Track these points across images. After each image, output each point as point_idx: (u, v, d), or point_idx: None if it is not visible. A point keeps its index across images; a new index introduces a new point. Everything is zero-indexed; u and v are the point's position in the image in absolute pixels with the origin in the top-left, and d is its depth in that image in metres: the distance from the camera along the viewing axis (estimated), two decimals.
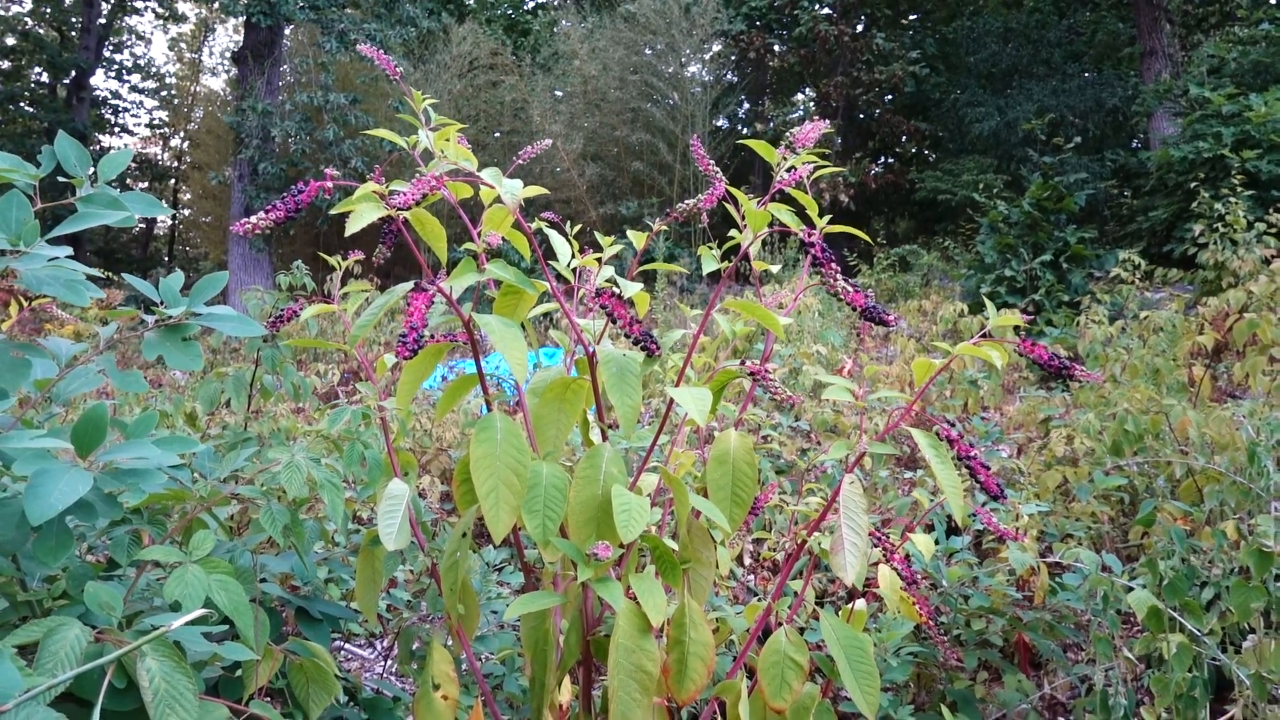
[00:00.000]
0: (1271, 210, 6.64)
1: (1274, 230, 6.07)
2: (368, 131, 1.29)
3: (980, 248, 8.59)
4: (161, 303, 1.14)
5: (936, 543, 2.37)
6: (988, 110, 15.52)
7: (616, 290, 1.11)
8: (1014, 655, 2.39)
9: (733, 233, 1.23)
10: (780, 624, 1.39)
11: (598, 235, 1.46)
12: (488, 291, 1.27)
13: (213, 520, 1.12)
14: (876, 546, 1.46)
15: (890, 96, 17.10)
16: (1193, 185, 8.36)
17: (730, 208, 1.29)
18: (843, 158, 16.39)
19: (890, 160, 18.78)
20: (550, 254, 1.22)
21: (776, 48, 17.16)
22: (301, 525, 1.18)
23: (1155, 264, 8.63)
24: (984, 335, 1.24)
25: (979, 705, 2.17)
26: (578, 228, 1.39)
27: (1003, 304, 7.69)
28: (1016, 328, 5.82)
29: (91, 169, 1.12)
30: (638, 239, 1.29)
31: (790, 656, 1.34)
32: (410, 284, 1.08)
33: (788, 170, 1.19)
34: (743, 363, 1.19)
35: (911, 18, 18.74)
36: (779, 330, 1.14)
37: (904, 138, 17.63)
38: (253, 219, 0.97)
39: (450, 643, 1.38)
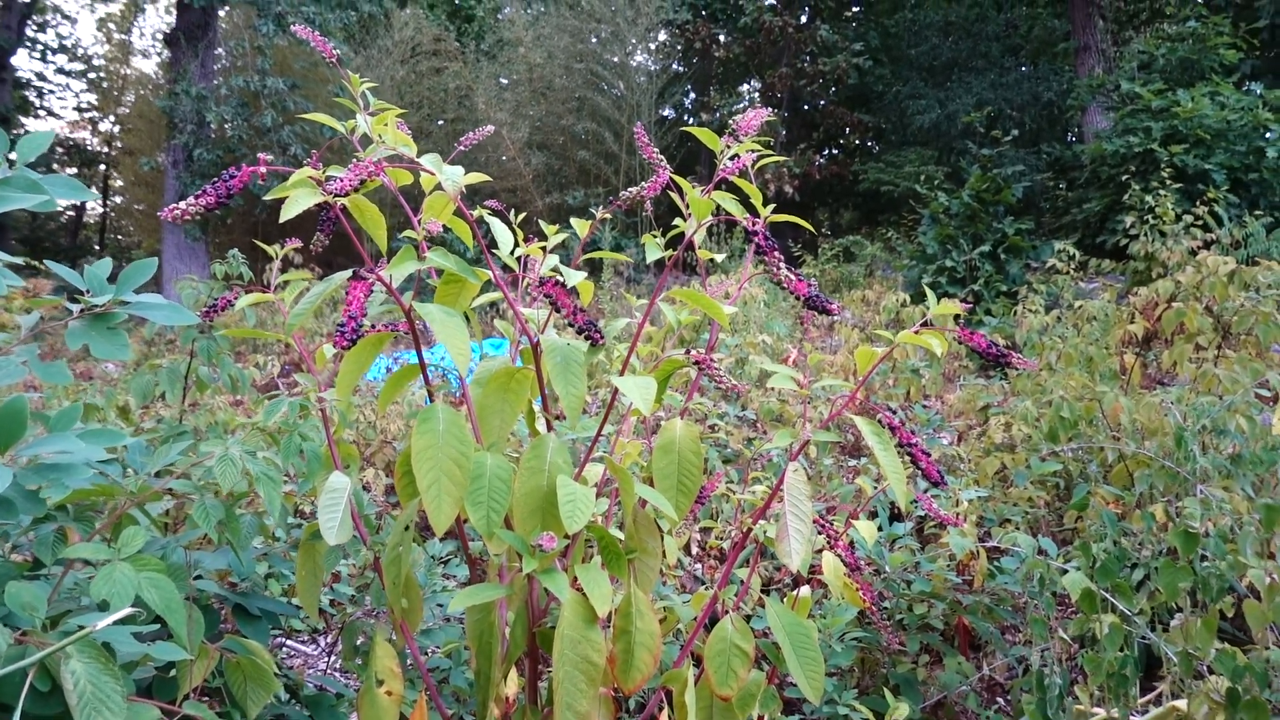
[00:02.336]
0: (1198, 203, 6.86)
1: (1200, 223, 6.28)
2: (306, 116, 1.26)
3: (922, 239, 8.73)
4: (88, 291, 1.10)
5: (880, 529, 2.40)
6: (929, 103, 15.76)
7: (560, 279, 1.10)
8: (954, 638, 2.44)
9: (678, 221, 1.22)
10: (726, 612, 1.40)
11: (543, 224, 1.45)
12: (430, 280, 1.25)
13: (144, 517, 1.08)
14: (821, 534, 1.48)
15: (834, 88, 17.26)
16: (1124, 178, 8.59)
17: (676, 197, 1.28)
18: (787, 149, 16.52)
19: (834, 151, 18.98)
20: (495, 243, 1.20)
21: (722, 38, 17.19)
22: (238, 520, 1.15)
23: (1089, 255, 8.85)
24: (925, 324, 1.26)
25: (920, 688, 2.21)
26: (523, 216, 1.37)
27: (944, 294, 7.83)
28: (957, 317, 5.93)
29: (10, 151, 1.07)
30: (581, 227, 1.28)
31: (736, 644, 1.35)
32: (349, 272, 1.06)
33: (731, 158, 1.19)
34: (688, 352, 1.19)
35: (855, 9, 18.93)
36: (723, 319, 1.14)
37: (847, 129, 17.82)
38: (182, 204, 0.94)
39: (394, 637, 1.35)
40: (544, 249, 1.35)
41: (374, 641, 1.29)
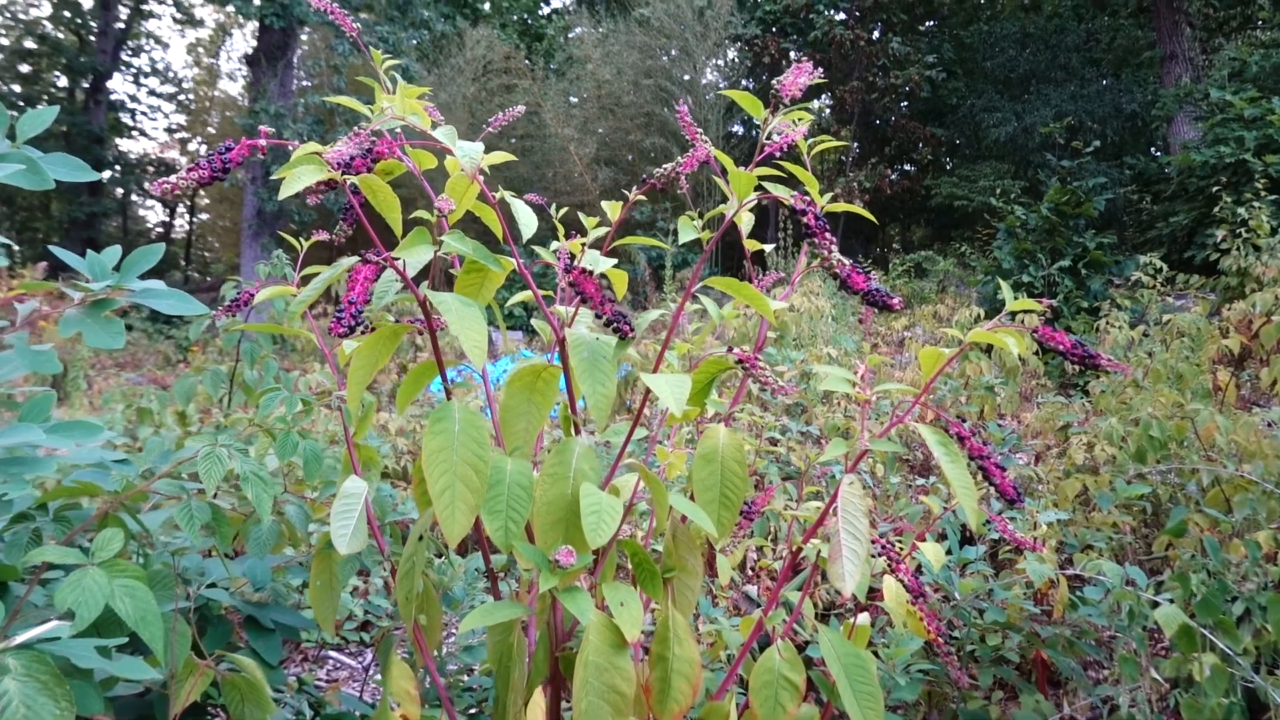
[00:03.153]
0: None
1: None
2: (329, 99, 1.18)
3: (997, 253, 8.42)
4: (89, 277, 1.03)
5: (949, 552, 2.23)
6: (1005, 115, 15.32)
7: (587, 267, 0.99)
8: (1031, 673, 2.25)
9: (722, 206, 1.11)
10: (776, 638, 1.27)
11: (581, 216, 1.35)
12: (453, 271, 1.16)
13: (133, 521, 1.01)
14: (881, 556, 1.34)
15: (906, 102, 16.94)
16: (1214, 190, 8.17)
17: (723, 183, 1.17)
18: (858, 164, 16.24)
19: (906, 166, 18.60)
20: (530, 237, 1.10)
21: (792, 53, 17.03)
22: (227, 523, 1.07)
23: (1176, 270, 8.44)
24: (999, 321, 1.12)
25: None
26: (560, 211, 1.27)
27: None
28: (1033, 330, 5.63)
29: (9, 127, 1.01)
30: (613, 209, 1.17)
31: (784, 675, 1.22)
32: (357, 258, 0.97)
33: (744, 125, 1.07)
34: (730, 349, 1.07)
35: (929, 23, 18.56)
36: (768, 311, 1.02)
37: (920, 144, 17.44)
38: (172, 178, 0.87)
39: (414, 655, 1.26)
40: (583, 244, 1.25)
41: (389, 660, 1.20)
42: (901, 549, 1.54)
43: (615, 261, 1.03)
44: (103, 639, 0.81)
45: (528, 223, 1.07)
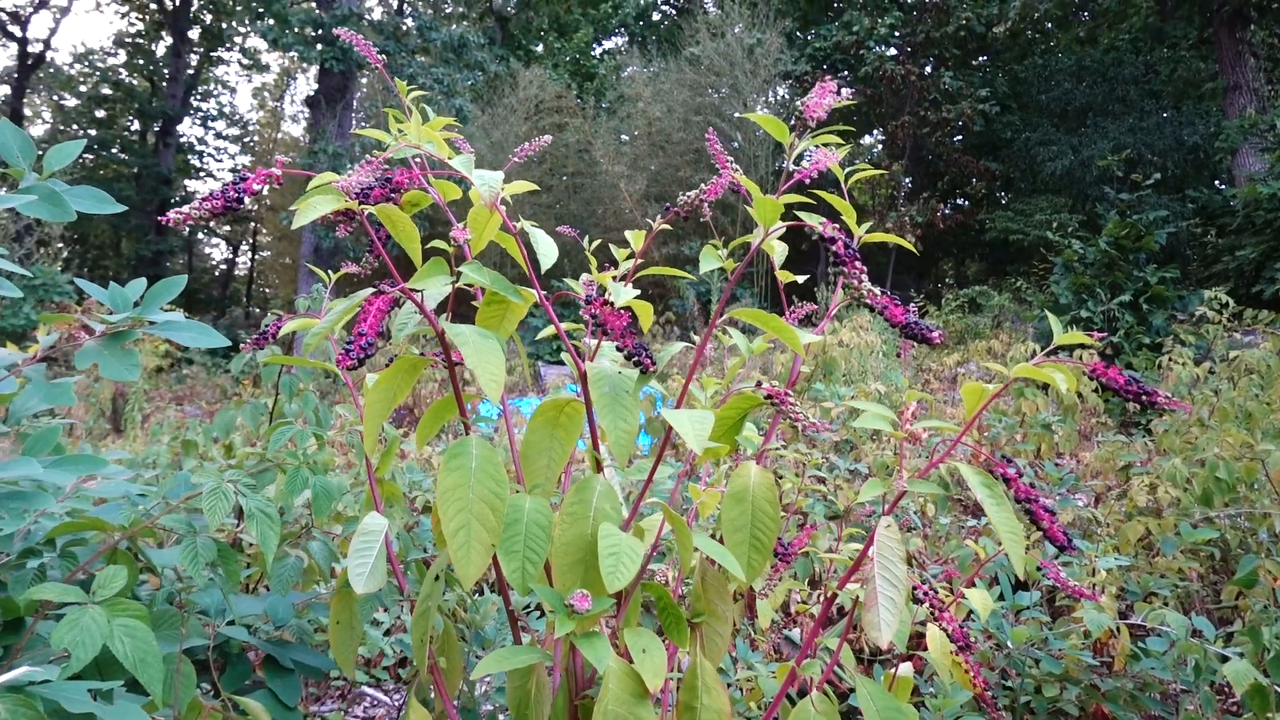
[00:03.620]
0: None
1: None
2: (359, 132, 1.18)
3: (1054, 288, 8.23)
4: (110, 309, 1.03)
5: (1001, 598, 2.13)
6: (1061, 149, 15.08)
7: (609, 298, 0.96)
8: None
9: (749, 236, 1.07)
10: (812, 689, 1.20)
11: (612, 248, 1.32)
12: (474, 302, 1.14)
13: (144, 554, 0.99)
14: (924, 602, 1.27)
15: (959, 136, 16.77)
16: None
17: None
18: (910, 198, 16.09)
19: (960, 201, 18.37)
20: (538, 263, 1.08)
21: (843, 90, 16.97)
22: (235, 560, 1.05)
23: (1244, 305, 8.15)
24: (1047, 355, 1.06)
25: None
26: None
27: (1079, 346, 7.33)
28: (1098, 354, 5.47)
29: (36, 159, 1.01)
30: (636, 239, 1.14)
31: None
32: (372, 289, 0.95)
33: (799, 159, 1.03)
34: (759, 385, 1.02)
35: (981, 59, 18.41)
36: (798, 345, 0.97)
37: (973, 178, 17.23)
38: (185, 208, 0.85)
39: (433, 698, 1.22)
40: (614, 277, 1.22)
41: (409, 705, 1.16)
42: (947, 595, 1.47)
43: (638, 293, 0.99)
44: (105, 680, 0.78)
45: (547, 253, 1.04)
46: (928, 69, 16.49)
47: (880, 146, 17.66)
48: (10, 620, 0.84)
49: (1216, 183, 14.70)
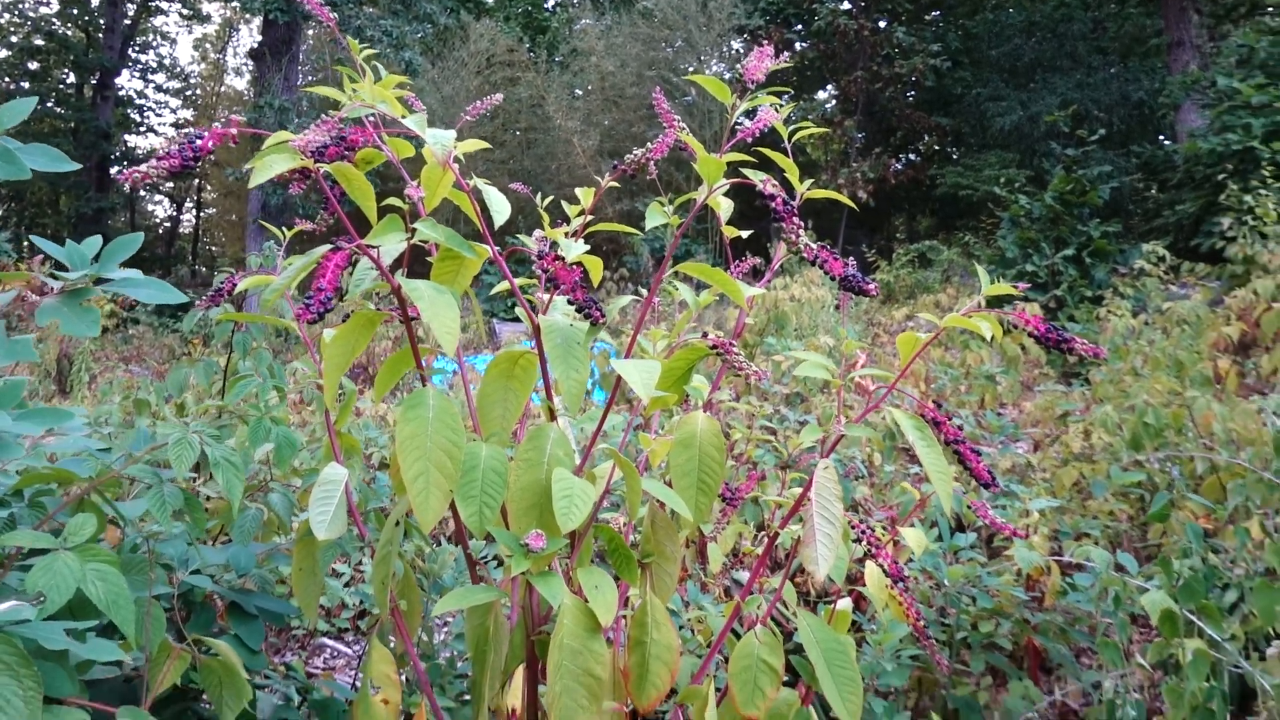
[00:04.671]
0: None
1: None
2: (309, 88, 1.19)
3: (1001, 243, 8.41)
4: (69, 266, 1.04)
5: (940, 539, 2.24)
6: (1010, 105, 15.25)
7: (560, 253, 1.00)
8: (1024, 660, 2.25)
9: (695, 193, 1.11)
10: (755, 624, 1.28)
11: (564, 205, 1.35)
12: (429, 258, 1.17)
13: (108, 506, 1.02)
14: (861, 541, 1.35)
15: (911, 92, 16.86)
16: (1221, 178, 8.13)
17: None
18: (863, 154, 16.19)
19: (911, 156, 18.52)
20: (491, 219, 1.11)
21: (797, 44, 16.96)
22: (201, 509, 1.08)
23: (1182, 258, 8.40)
24: (989, 307, 1.12)
25: (983, 712, 2.04)
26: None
27: (1022, 299, 7.50)
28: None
29: None
30: (585, 196, 1.18)
31: (763, 659, 1.22)
32: (329, 246, 0.98)
33: (744, 115, 1.07)
34: (705, 335, 1.07)
35: (934, 13, 18.46)
36: (740, 297, 1.02)
37: (925, 134, 17.37)
38: (142, 167, 0.87)
39: (395, 641, 1.27)
40: (566, 233, 1.25)
41: (370, 646, 1.21)
42: (885, 535, 1.55)
43: (587, 248, 1.03)
44: (77, 622, 0.82)
45: (500, 209, 1.07)
46: (881, 23, 16.51)
47: (834, 102, 17.70)
48: None
49: (1161, 137, 15.00)
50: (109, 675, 1.07)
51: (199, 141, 0.90)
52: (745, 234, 1.25)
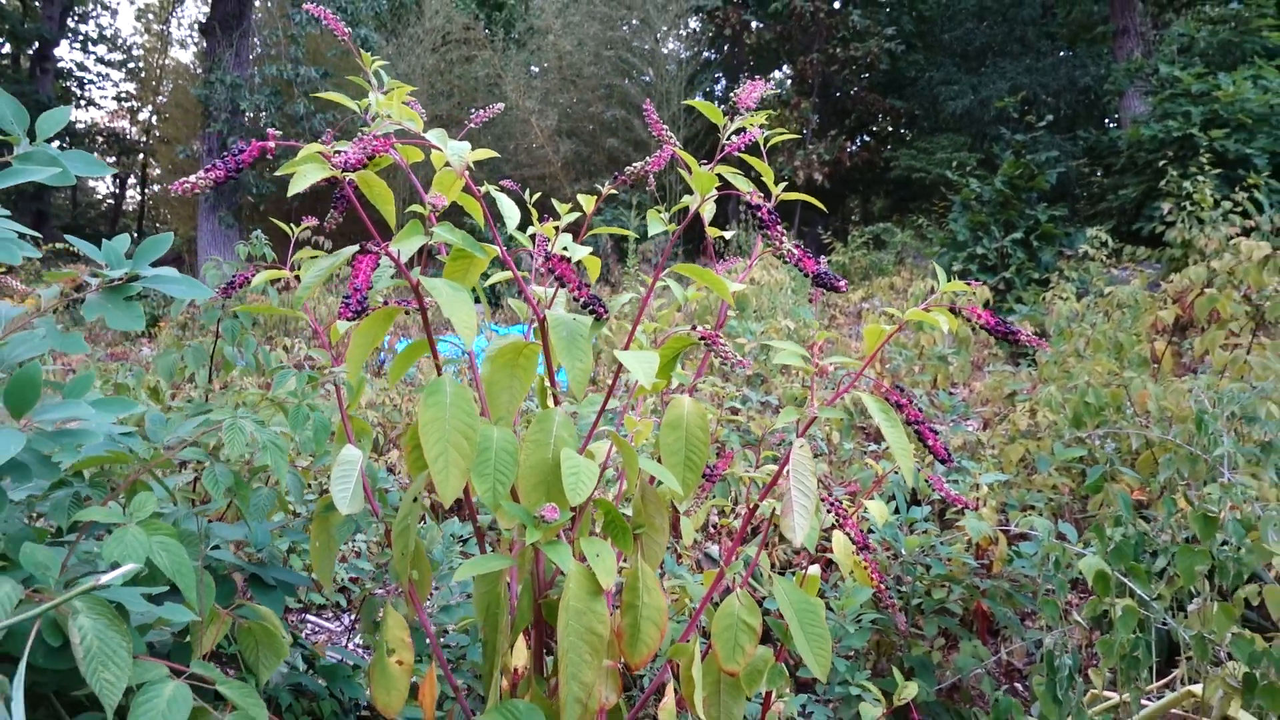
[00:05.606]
0: (1237, 189, 6.72)
1: (1240, 209, 6.14)
2: (320, 95, 1.28)
3: (953, 225, 8.64)
4: (105, 264, 1.12)
5: (896, 512, 2.39)
6: (961, 88, 15.55)
7: (566, 255, 1.11)
8: (973, 623, 2.43)
9: (687, 198, 1.23)
10: (734, 589, 1.40)
11: (556, 204, 1.45)
12: (439, 256, 1.27)
13: (160, 488, 1.11)
14: (830, 512, 1.48)
15: (866, 74, 17.09)
16: (1162, 164, 8.43)
17: (688, 177, 1.28)
18: (819, 135, 16.39)
19: (866, 138, 18.78)
20: (502, 219, 1.21)
21: (753, 24, 17.07)
22: (247, 488, 1.18)
23: (1125, 242, 8.72)
24: (952, 308, 1.25)
25: (936, 671, 2.20)
26: (537, 197, 1.38)
27: (974, 281, 7.73)
28: (985, 302, 5.86)
29: (29, 125, 1.09)
30: (587, 202, 1.29)
31: (743, 619, 1.35)
32: (356, 247, 1.08)
33: (736, 133, 1.19)
34: (694, 327, 1.19)
35: None
36: (727, 294, 1.14)
37: (879, 116, 17.63)
38: (191, 178, 0.96)
39: (406, 609, 1.38)
40: (556, 228, 1.36)
41: (385, 612, 1.31)
42: (849, 507, 1.69)
43: (590, 250, 1.14)
44: (140, 588, 0.91)
45: (511, 214, 1.17)
46: (836, 5, 16.67)
47: (790, 83, 17.86)
48: (55, 540, 0.95)
49: (1107, 123, 15.41)
50: (158, 639, 1.16)
51: (241, 155, 0.99)
52: (729, 234, 1.36)
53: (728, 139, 1.19)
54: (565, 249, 1.18)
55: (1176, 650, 2.08)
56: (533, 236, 1.34)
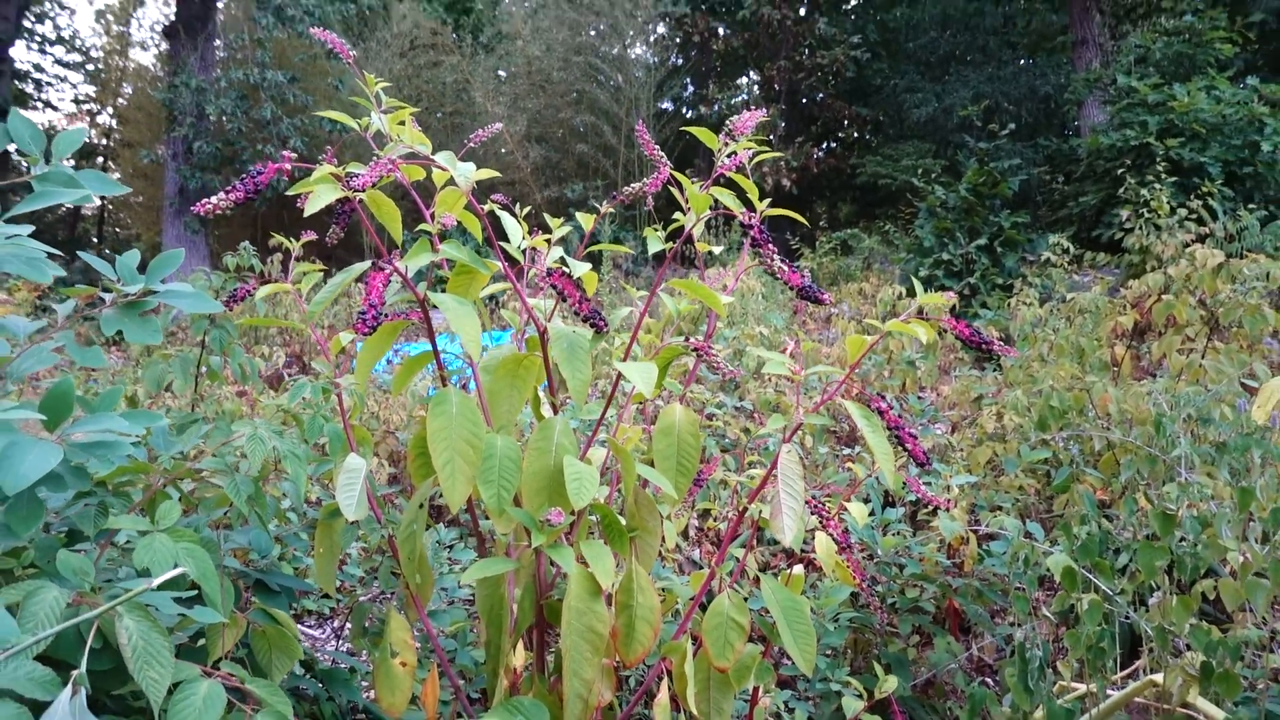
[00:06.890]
0: (1192, 196, 6.93)
1: (1195, 216, 6.34)
2: (318, 113, 1.32)
3: (919, 232, 8.80)
4: (118, 280, 1.16)
5: (872, 514, 2.47)
6: (926, 96, 15.81)
7: (566, 270, 1.16)
8: (946, 621, 2.51)
9: (677, 215, 1.29)
10: (724, 589, 1.47)
11: (547, 218, 1.51)
12: (440, 271, 1.32)
13: (174, 495, 1.15)
14: (814, 514, 1.55)
15: (832, 82, 17.30)
16: (1120, 172, 8.65)
17: (675, 191, 1.35)
18: (785, 142, 16.55)
19: (832, 145, 19.01)
20: (501, 235, 1.27)
21: (721, 31, 17.22)
22: (264, 497, 1.22)
23: (1085, 248, 8.93)
24: (920, 314, 1.32)
25: (911, 667, 2.28)
26: (525, 210, 1.43)
27: (940, 286, 7.90)
28: (952, 309, 5.98)
29: (45, 147, 1.13)
30: (585, 221, 1.34)
31: (732, 618, 1.41)
32: (366, 264, 1.12)
33: (728, 155, 1.25)
34: (687, 339, 1.25)
35: (853, 3, 18.95)
36: (720, 308, 1.20)
37: (846, 123, 17.84)
38: (214, 199, 1.00)
39: (407, 613, 1.42)
40: (549, 241, 1.41)
41: (388, 616, 1.36)
42: (831, 509, 1.75)
43: (590, 266, 1.20)
44: (168, 592, 0.95)
45: (514, 233, 1.23)
46: (803, 12, 16.86)
47: (757, 89, 18.02)
48: (68, 547, 0.99)
49: (1066, 131, 15.74)
50: (180, 640, 1.20)
51: (259, 176, 1.04)
52: (718, 249, 1.42)
53: (720, 161, 1.25)
54: (561, 263, 1.23)
55: (1139, 642, 2.17)
56: (524, 251, 1.39)
